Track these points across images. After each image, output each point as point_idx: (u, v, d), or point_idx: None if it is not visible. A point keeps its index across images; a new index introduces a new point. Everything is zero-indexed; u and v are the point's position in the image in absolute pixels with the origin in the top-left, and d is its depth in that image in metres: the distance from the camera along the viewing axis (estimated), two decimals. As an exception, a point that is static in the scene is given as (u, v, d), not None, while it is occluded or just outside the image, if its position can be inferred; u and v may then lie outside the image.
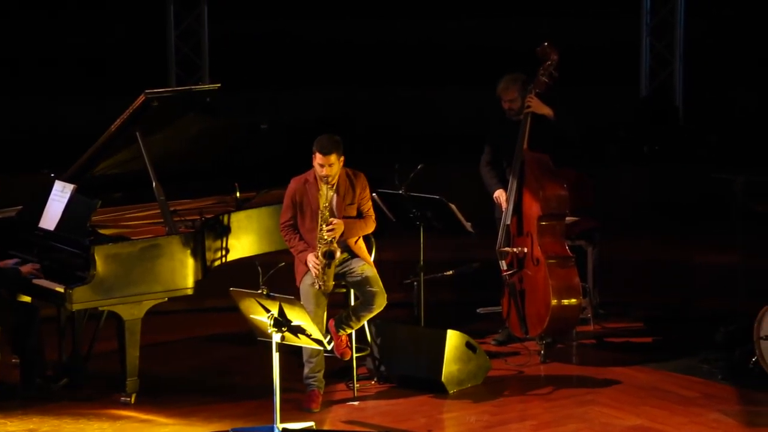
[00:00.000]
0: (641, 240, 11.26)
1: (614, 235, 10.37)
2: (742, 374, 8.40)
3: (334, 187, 8.11)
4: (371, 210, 8.34)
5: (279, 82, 13.50)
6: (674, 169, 12.34)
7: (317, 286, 8.05)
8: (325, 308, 8.17)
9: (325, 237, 8.03)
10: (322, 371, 8.13)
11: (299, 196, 8.22)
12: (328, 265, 8.02)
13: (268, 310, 7.12)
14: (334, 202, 8.17)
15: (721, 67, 13.10)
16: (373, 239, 8.61)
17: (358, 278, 8.21)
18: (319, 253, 8.02)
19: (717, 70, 13.12)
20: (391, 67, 13.73)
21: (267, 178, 8.99)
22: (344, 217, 8.18)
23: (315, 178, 8.14)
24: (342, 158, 8.10)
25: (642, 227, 11.69)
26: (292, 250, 8.26)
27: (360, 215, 8.29)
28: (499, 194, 9.06)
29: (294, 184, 8.27)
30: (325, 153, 8.01)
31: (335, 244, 8.05)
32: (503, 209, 8.99)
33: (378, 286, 8.18)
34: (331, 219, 8.07)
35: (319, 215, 8.04)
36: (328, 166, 8.02)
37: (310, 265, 8.08)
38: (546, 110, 8.92)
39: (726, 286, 9.52)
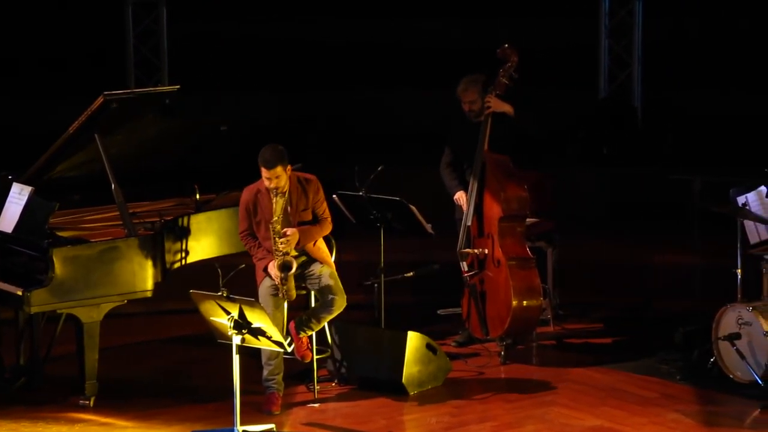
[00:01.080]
0: (601, 241, 11.30)
1: (574, 236, 10.41)
2: (701, 375, 8.45)
3: (286, 195, 8.09)
4: (326, 212, 8.32)
5: (239, 83, 13.48)
6: (633, 170, 12.40)
7: (281, 295, 8.04)
8: (285, 310, 8.17)
9: (281, 249, 8.01)
10: (281, 373, 8.11)
11: (252, 206, 8.20)
12: (285, 279, 8.00)
13: (228, 312, 7.10)
14: (289, 211, 8.14)
15: (680, 68, 13.18)
16: (333, 241, 8.60)
17: (318, 279, 8.21)
18: (276, 268, 8.00)
19: (676, 71, 13.19)
20: (351, 68, 13.73)
21: (227, 179, 8.96)
22: (300, 223, 8.16)
23: (267, 187, 8.11)
24: (289, 167, 8.04)
25: (601, 228, 11.73)
26: (253, 258, 8.24)
27: (315, 219, 8.27)
28: (460, 195, 9.07)
29: (246, 194, 8.24)
30: (270, 167, 7.96)
31: (290, 256, 8.03)
32: (464, 210, 9.01)
33: (337, 288, 8.17)
34: (285, 230, 8.05)
35: (271, 228, 8.02)
36: (275, 178, 7.98)
37: (272, 275, 8.07)
38: (506, 107, 8.94)
39: (684, 286, 9.58)
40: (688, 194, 8.76)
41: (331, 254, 8.51)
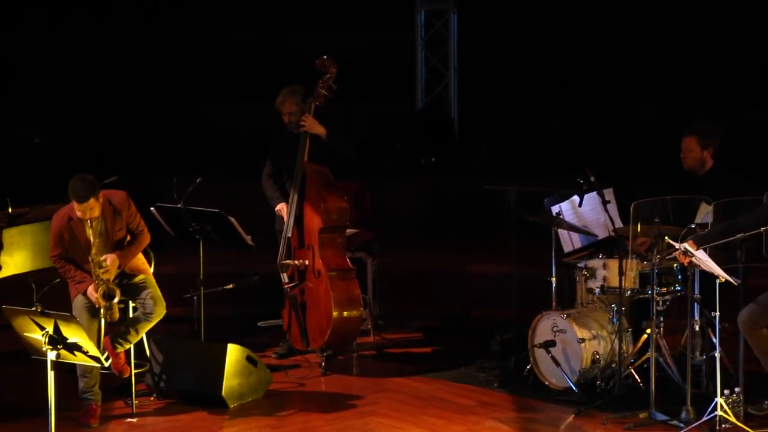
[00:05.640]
0: (419, 251, 11.42)
1: (392, 246, 10.49)
2: (518, 382, 8.60)
3: (100, 221, 7.95)
4: (141, 224, 8.19)
5: (51, 95, 13.22)
6: (450, 181, 12.57)
7: (106, 318, 7.91)
8: (100, 321, 8.03)
9: (103, 278, 7.89)
10: (98, 383, 7.98)
11: (66, 234, 8.01)
12: (109, 307, 7.89)
13: (42, 328, 6.95)
14: (106, 233, 8.00)
15: (496, 80, 13.40)
16: (151, 253, 8.50)
17: (135, 288, 8.10)
18: (99, 297, 7.86)
19: (492, 83, 13.41)
20: (168, 78, 13.61)
21: (40, 192, 8.78)
22: (117, 243, 8.04)
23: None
24: (101, 193, 7.88)
25: (420, 238, 11.86)
26: (69, 281, 8.05)
27: (131, 234, 8.13)
28: (281, 207, 9.07)
29: (58, 221, 8.03)
30: (83, 201, 7.80)
31: (113, 284, 7.91)
32: (285, 222, 9.00)
33: (156, 295, 8.07)
34: (104, 258, 7.93)
35: (90, 260, 7.89)
36: (89, 210, 7.84)
37: (92, 299, 7.91)
38: (319, 130, 8.98)
39: (500, 295, 9.72)
40: (504, 204, 8.90)
41: (150, 266, 8.40)
